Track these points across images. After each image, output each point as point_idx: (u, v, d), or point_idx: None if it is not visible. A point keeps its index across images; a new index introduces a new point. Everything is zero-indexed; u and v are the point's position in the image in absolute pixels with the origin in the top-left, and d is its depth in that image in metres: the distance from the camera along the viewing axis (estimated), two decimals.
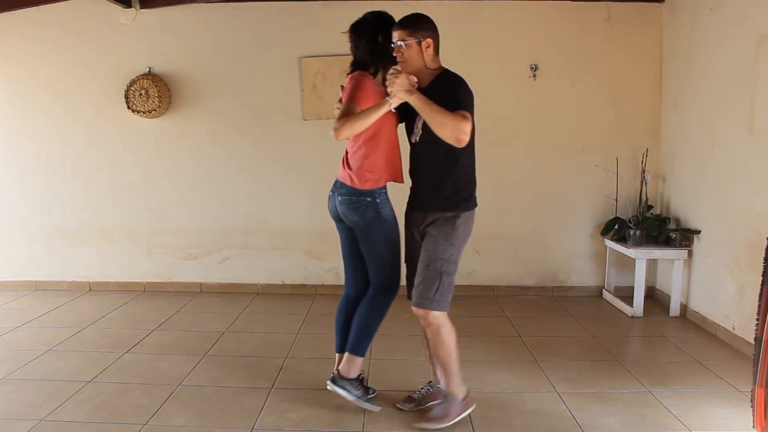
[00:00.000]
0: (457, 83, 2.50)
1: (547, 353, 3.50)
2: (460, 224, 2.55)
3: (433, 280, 2.52)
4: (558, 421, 2.67)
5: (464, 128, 2.35)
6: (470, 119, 2.39)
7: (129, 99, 4.63)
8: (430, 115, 2.39)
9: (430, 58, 2.53)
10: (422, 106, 2.40)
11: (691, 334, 3.84)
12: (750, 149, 3.45)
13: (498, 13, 4.57)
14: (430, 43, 2.51)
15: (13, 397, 2.92)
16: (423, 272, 2.55)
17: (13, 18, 4.71)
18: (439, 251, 2.53)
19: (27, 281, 5.03)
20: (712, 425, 2.63)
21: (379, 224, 2.65)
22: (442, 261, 2.53)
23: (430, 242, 2.56)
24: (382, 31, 2.59)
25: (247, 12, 4.66)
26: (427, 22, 2.53)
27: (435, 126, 2.39)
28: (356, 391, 2.72)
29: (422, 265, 2.56)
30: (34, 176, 4.94)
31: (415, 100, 2.41)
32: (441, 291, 2.53)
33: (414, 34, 2.48)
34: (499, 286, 4.79)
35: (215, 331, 3.91)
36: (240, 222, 4.88)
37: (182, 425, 2.64)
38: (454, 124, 2.35)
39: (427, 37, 2.50)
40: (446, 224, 2.54)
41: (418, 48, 2.49)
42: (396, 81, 2.42)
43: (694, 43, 4.10)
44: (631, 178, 4.62)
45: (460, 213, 2.54)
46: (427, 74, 2.53)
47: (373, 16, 2.65)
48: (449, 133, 2.37)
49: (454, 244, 2.54)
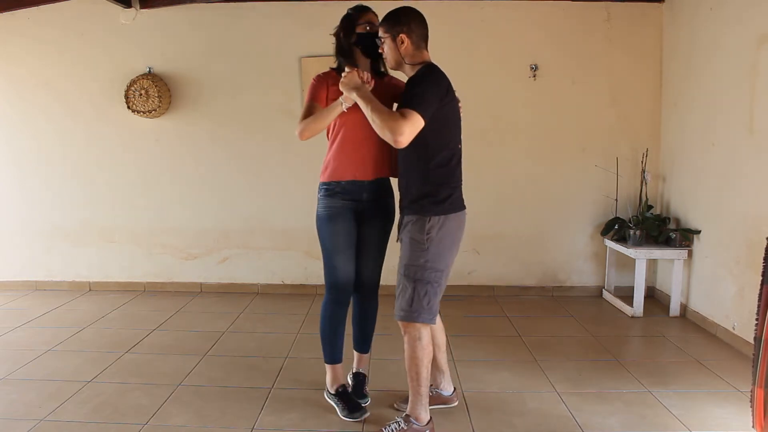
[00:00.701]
0: (420, 78, 2.37)
1: (547, 353, 3.50)
2: (432, 228, 2.36)
3: (405, 288, 2.39)
4: (558, 421, 2.67)
5: (399, 128, 2.20)
6: (411, 118, 2.22)
7: (129, 99, 4.63)
8: (367, 114, 2.33)
9: (409, 53, 2.43)
10: (363, 105, 2.35)
11: (691, 334, 3.84)
12: (750, 149, 3.45)
13: (498, 13, 4.57)
14: (404, 39, 2.41)
15: (13, 397, 2.92)
16: (399, 281, 2.44)
17: (13, 18, 4.72)
18: (411, 257, 2.39)
19: (27, 281, 5.03)
20: (712, 425, 2.63)
21: (317, 220, 2.68)
22: (416, 268, 2.37)
23: (403, 248, 2.45)
24: (343, 27, 2.59)
25: (247, 12, 4.66)
26: (405, 16, 2.44)
27: (373, 126, 2.32)
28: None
29: (398, 274, 2.45)
30: (34, 176, 4.94)
31: (357, 98, 2.37)
32: (418, 301, 2.36)
33: (390, 29, 2.43)
34: (499, 286, 4.79)
35: (215, 331, 3.91)
36: (240, 222, 4.88)
37: (182, 425, 2.64)
38: (389, 124, 2.23)
39: (402, 32, 2.41)
40: (415, 228, 2.39)
41: (393, 43, 2.43)
42: (342, 80, 2.41)
43: (694, 43, 4.10)
44: (631, 178, 4.62)
45: (430, 216, 2.37)
46: (408, 69, 2.45)
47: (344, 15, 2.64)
48: (385, 133, 2.26)
49: (427, 249, 2.36)
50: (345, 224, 2.62)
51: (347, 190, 2.60)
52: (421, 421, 2.47)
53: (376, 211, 2.68)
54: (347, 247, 2.64)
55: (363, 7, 2.63)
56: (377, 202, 2.67)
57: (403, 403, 2.72)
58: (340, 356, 2.76)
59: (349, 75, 2.42)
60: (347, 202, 2.61)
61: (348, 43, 2.58)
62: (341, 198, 2.61)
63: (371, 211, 2.66)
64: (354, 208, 2.63)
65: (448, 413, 2.74)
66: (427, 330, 2.43)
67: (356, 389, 2.84)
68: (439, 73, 2.40)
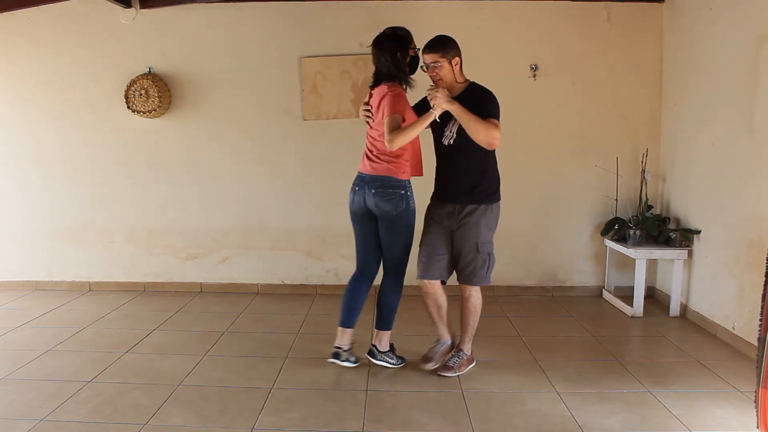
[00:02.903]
0: (488, 95, 2.98)
1: (547, 353, 3.50)
2: (495, 211, 3.08)
3: (484, 260, 3.05)
4: (558, 421, 2.67)
5: (495, 134, 2.88)
6: (499, 127, 2.89)
7: (129, 99, 4.63)
8: (467, 122, 2.85)
9: (459, 73, 3.01)
10: (461, 114, 2.86)
11: (691, 334, 3.84)
12: (750, 149, 3.45)
13: (498, 13, 4.57)
14: (458, 61, 2.99)
15: (13, 397, 2.92)
16: (473, 256, 3.04)
17: (13, 18, 4.71)
18: (482, 236, 3.03)
19: (27, 281, 5.03)
20: (712, 425, 2.63)
21: (407, 214, 3.05)
22: (488, 244, 3.07)
23: (472, 230, 3.02)
24: (401, 48, 2.99)
25: (247, 12, 4.66)
26: (453, 42, 2.98)
27: (471, 131, 2.86)
28: (393, 360, 3.22)
29: (471, 250, 3.03)
30: (33, 176, 4.94)
31: (455, 110, 2.86)
32: (491, 268, 3.09)
33: (445, 55, 2.93)
34: (499, 286, 4.78)
35: (215, 331, 3.91)
36: (240, 222, 4.88)
37: (182, 425, 2.64)
38: (487, 131, 2.86)
39: (455, 56, 2.97)
40: (485, 213, 3.03)
41: (449, 66, 2.96)
42: (437, 95, 2.85)
43: (694, 43, 4.10)
44: (631, 178, 4.62)
45: (493, 204, 3.06)
46: (457, 87, 3.00)
47: (393, 33, 3.02)
48: (483, 138, 2.87)
49: (492, 228, 3.09)
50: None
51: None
52: (470, 352, 3.25)
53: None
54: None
55: (409, 31, 3.05)
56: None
57: (426, 362, 3.20)
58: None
59: (441, 91, 2.87)
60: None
61: (404, 62, 3.01)
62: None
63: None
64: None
65: (449, 413, 2.75)
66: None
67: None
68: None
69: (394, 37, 3.00)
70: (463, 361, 3.19)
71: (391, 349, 3.25)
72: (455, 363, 3.16)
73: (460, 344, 3.25)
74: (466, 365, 3.20)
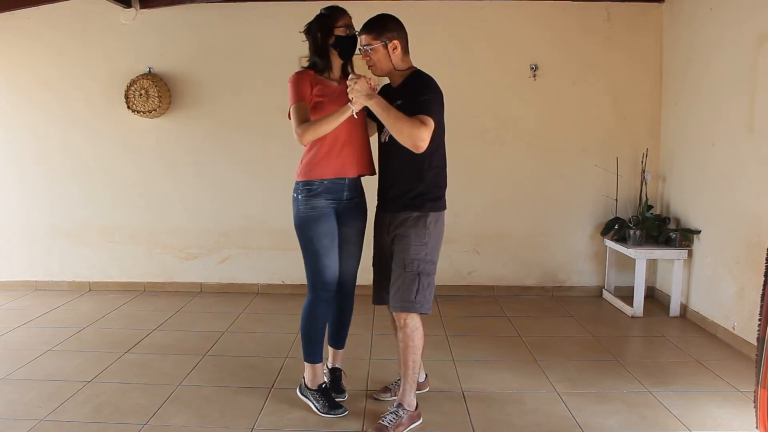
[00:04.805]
0: (424, 85, 2.45)
1: (547, 353, 3.50)
2: (431, 223, 2.51)
3: (412, 281, 2.49)
4: (558, 421, 2.67)
5: (421, 135, 2.31)
6: (429, 124, 2.33)
7: (129, 99, 4.63)
8: (387, 120, 2.37)
9: (399, 59, 2.51)
10: (380, 112, 2.38)
11: (691, 334, 3.84)
12: (750, 149, 3.45)
13: (498, 13, 4.57)
14: (397, 45, 2.48)
15: (13, 397, 2.92)
16: (400, 275, 2.51)
17: (13, 18, 4.71)
18: (412, 252, 2.50)
19: (27, 281, 5.03)
20: (712, 425, 2.63)
21: (297, 221, 2.65)
22: (418, 261, 2.50)
23: (403, 243, 2.52)
24: (322, 28, 2.58)
25: (247, 12, 4.66)
26: (393, 23, 2.49)
27: (394, 132, 2.37)
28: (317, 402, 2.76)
29: (398, 268, 2.52)
30: (34, 176, 4.94)
31: (374, 105, 2.38)
32: (422, 292, 2.49)
33: (379, 37, 2.46)
34: (499, 286, 4.78)
35: (215, 331, 3.91)
36: (240, 222, 4.88)
37: (182, 425, 2.64)
38: (411, 130, 2.31)
39: (393, 38, 2.47)
40: (417, 224, 2.50)
41: (385, 51, 2.48)
42: (355, 87, 2.39)
43: (694, 43, 4.10)
44: (631, 178, 4.62)
45: (429, 213, 2.51)
46: (397, 75, 2.53)
47: (319, 13, 2.63)
48: (406, 139, 2.34)
49: (426, 243, 2.50)
50: (330, 224, 2.64)
51: (329, 189, 2.61)
52: (413, 406, 2.59)
53: (354, 211, 2.72)
54: (333, 247, 2.66)
55: (339, 8, 2.62)
56: (354, 201, 2.71)
57: (382, 392, 2.86)
58: (321, 355, 2.80)
59: (360, 82, 2.41)
60: (329, 202, 2.63)
61: (326, 44, 2.58)
62: (324, 198, 2.61)
63: (350, 211, 2.70)
64: (335, 208, 2.65)
65: (449, 414, 2.74)
66: (420, 319, 2.55)
67: (334, 384, 2.88)
68: (433, 79, 2.50)
69: (314, 20, 2.62)
70: (402, 420, 2.52)
71: (316, 387, 2.77)
72: (391, 423, 2.51)
73: (400, 396, 2.58)
74: (407, 425, 2.53)
